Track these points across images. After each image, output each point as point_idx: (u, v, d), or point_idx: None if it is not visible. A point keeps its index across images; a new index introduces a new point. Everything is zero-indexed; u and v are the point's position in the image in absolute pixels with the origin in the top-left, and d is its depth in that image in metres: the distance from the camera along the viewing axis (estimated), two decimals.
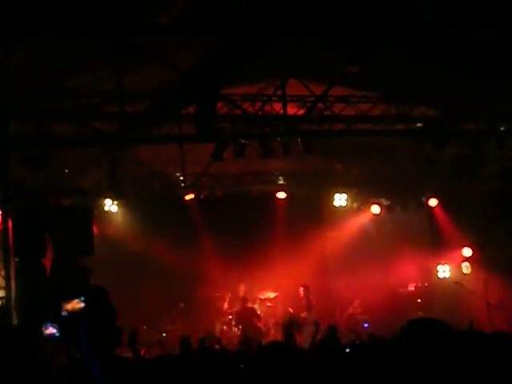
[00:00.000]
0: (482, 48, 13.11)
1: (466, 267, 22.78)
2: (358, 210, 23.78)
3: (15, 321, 14.23)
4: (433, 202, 23.09)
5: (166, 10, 11.23)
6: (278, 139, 16.91)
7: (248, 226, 22.81)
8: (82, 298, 3.24)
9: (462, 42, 12.81)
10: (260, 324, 21.09)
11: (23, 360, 3.80)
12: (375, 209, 23.54)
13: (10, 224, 15.53)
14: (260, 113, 17.18)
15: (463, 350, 3.12)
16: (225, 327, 21.32)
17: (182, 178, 20.28)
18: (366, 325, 21.47)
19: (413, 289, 23.20)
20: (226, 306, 21.75)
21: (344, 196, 23.03)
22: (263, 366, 6.15)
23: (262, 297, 22.17)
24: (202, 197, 21.89)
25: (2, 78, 12.56)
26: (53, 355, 7.89)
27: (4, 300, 15.35)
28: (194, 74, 13.23)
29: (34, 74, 13.22)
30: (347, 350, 7.76)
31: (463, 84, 15.32)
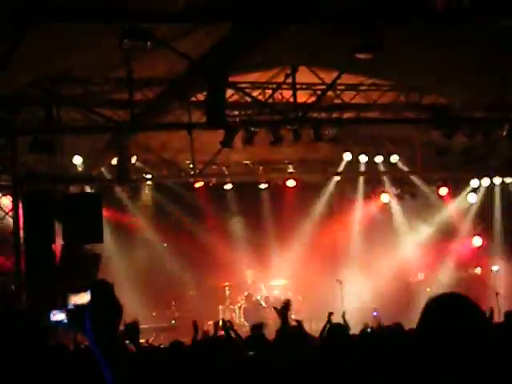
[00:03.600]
0: (493, 35, 13.03)
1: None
2: (368, 198, 23.71)
3: (24, 306, 14.30)
4: (443, 191, 23.00)
5: None
6: (288, 127, 16.90)
7: (257, 215, 22.82)
8: (88, 291, 3.23)
9: (473, 28, 12.73)
10: (266, 314, 21.08)
11: (32, 345, 3.81)
12: (385, 197, 23.48)
13: (20, 210, 15.59)
14: (270, 100, 17.16)
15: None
16: (233, 314, 21.36)
17: (191, 166, 20.26)
18: (375, 313, 21.45)
19: (422, 278, 23.16)
20: (233, 294, 21.77)
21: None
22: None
23: (271, 284, 22.19)
24: (211, 184, 21.89)
25: (13, 64, 12.56)
26: (62, 341, 7.92)
27: (14, 285, 15.43)
28: (203, 62, 13.21)
29: (45, 60, 13.22)
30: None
31: (474, 71, 15.23)
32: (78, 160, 18.18)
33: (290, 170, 22.24)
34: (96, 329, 3.06)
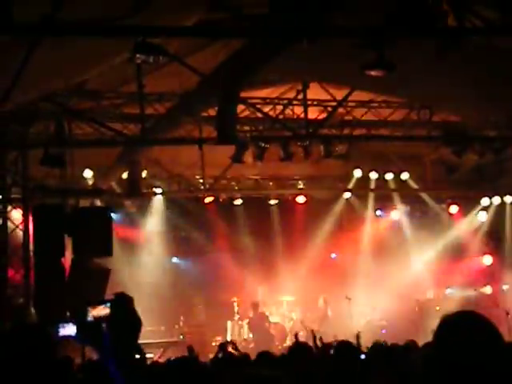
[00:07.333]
0: (506, 54, 13.01)
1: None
2: (378, 215, 23.65)
3: (33, 319, 14.29)
4: (453, 209, 22.95)
5: (190, 14, 11.23)
6: (299, 143, 16.90)
7: (267, 230, 22.78)
8: (108, 305, 3.23)
9: (486, 48, 12.72)
10: (272, 330, 21.00)
11: (41, 358, 3.80)
12: (395, 214, 23.43)
13: (30, 223, 15.61)
14: (281, 116, 17.18)
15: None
16: (242, 330, 21.29)
17: (201, 181, 20.26)
18: (383, 331, 21.36)
19: (432, 296, 23.04)
20: (242, 310, 21.71)
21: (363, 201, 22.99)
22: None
23: (280, 300, 22.12)
24: (221, 200, 21.88)
25: (25, 77, 12.61)
26: (70, 355, 7.90)
27: (23, 298, 15.43)
28: (215, 77, 13.23)
29: (56, 74, 13.26)
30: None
31: (485, 90, 15.20)
32: (88, 174, 18.22)
33: (300, 186, 22.23)
34: (114, 341, 3.05)
